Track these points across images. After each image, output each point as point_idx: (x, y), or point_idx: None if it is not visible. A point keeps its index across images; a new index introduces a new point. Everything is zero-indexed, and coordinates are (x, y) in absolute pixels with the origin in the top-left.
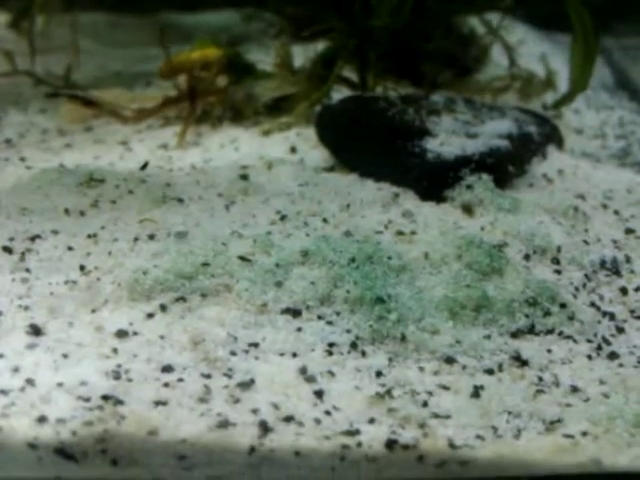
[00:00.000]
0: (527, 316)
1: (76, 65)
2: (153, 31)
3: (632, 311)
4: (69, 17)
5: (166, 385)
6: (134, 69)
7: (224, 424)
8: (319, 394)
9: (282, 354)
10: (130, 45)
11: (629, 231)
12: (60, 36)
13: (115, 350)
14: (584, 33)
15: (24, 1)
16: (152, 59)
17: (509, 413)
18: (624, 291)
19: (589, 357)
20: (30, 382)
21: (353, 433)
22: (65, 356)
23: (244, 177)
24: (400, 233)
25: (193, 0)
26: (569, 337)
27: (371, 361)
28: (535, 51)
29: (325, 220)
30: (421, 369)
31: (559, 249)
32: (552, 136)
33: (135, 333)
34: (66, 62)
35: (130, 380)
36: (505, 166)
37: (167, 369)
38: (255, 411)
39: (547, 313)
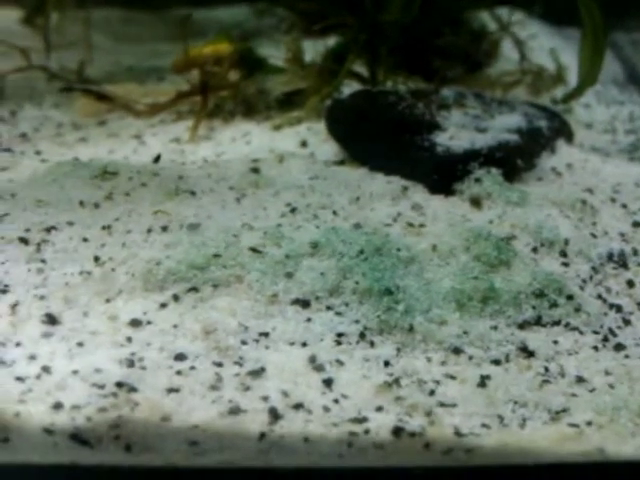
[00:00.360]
0: (534, 308)
1: (89, 60)
2: (165, 26)
3: (639, 303)
4: (82, 13)
5: (179, 373)
6: (146, 64)
7: (235, 411)
8: (328, 382)
9: (292, 343)
10: (143, 40)
11: (636, 224)
12: (73, 32)
13: (129, 339)
14: (593, 27)
15: None
16: (164, 54)
17: (515, 402)
18: (631, 284)
19: (595, 348)
20: (46, 369)
21: (361, 420)
22: (80, 344)
23: (255, 170)
24: (409, 225)
25: None
26: (575, 329)
27: (379, 351)
28: (546, 46)
29: (335, 213)
30: (428, 359)
31: (567, 242)
32: (562, 130)
33: (149, 322)
34: (79, 57)
35: (144, 368)
36: (514, 160)
37: (180, 357)
38: (265, 398)
39: (554, 305)
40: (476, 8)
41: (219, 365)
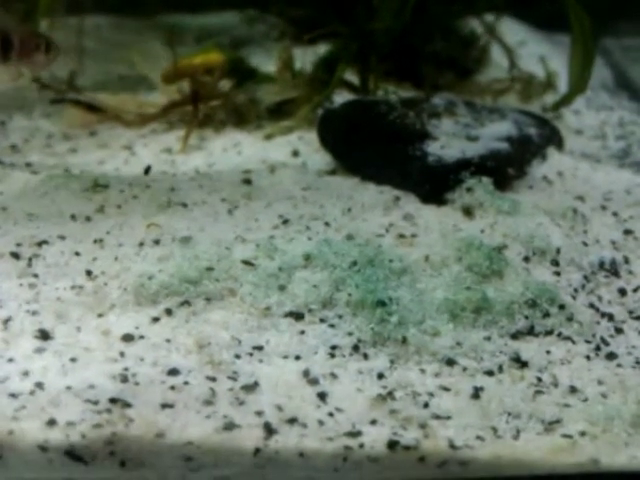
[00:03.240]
0: (526, 317)
1: (80, 69)
2: (156, 33)
3: (630, 312)
4: (72, 20)
5: (172, 388)
6: (137, 72)
7: (229, 426)
8: (322, 396)
9: (285, 357)
10: (133, 47)
11: (628, 232)
12: (63, 39)
13: (122, 354)
14: (582, 34)
15: (27, 4)
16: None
17: (509, 414)
18: (623, 292)
19: (588, 358)
20: (39, 386)
21: (355, 434)
22: (73, 360)
23: (247, 181)
24: (401, 236)
25: (195, 2)
26: (568, 338)
27: (373, 363)
28: (535, 52)
29: (327, 224)
30: (422, 371)
31: (558, 251)
32: (552, 137)
33: (141, 337)
34: (70, 65)
35: (137, 383)
36: (505, 168)
37: (173, 372)
38: (260, 413)
39: (546, 314)
40: (466, 15)
41: (213, 380)
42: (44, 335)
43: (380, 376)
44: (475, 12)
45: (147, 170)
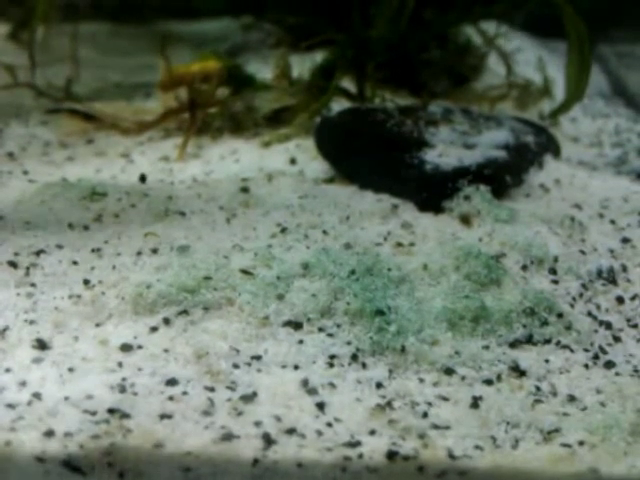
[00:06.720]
0: (525, 326)
1: (76, 76)
2: (153, 40)
3: (628, 320)
4: (68, 27)
5: (171, 398)
6: (134, 79)
7: (228, 437)
8: (321, 406)
9: (284, 366)
10: (130, 54)
11: (625, 240)
12: (59, 46)
13: (120, 364)
14: (579, 42)
15: (23, 12)
16: (152, 69)
17: (507, 423)
18: (620, 300)
19: (586, 366)
20: (37, 396)
21: (354, 444)
22: (71, 370)
23: (245, 189)
24: (399, 245)
25: (192, 9)
26: (566, 347)
27: (371, 373)
28: (532, 59)
29: (325, 232)
30: (421, 380)
31: (556, 259)
32: (549, 145)
33: (139, 347)
34: (66, 73)
35: (135, 394)
36: (502, 177)
37: (171, 382)
38: (258, 423)
39: (544, 323)
40: (462, 22)
41: (211, 390)
42: (42, 345)
43: (379, 386)
44: (471, 20)
45: (142, 179)
